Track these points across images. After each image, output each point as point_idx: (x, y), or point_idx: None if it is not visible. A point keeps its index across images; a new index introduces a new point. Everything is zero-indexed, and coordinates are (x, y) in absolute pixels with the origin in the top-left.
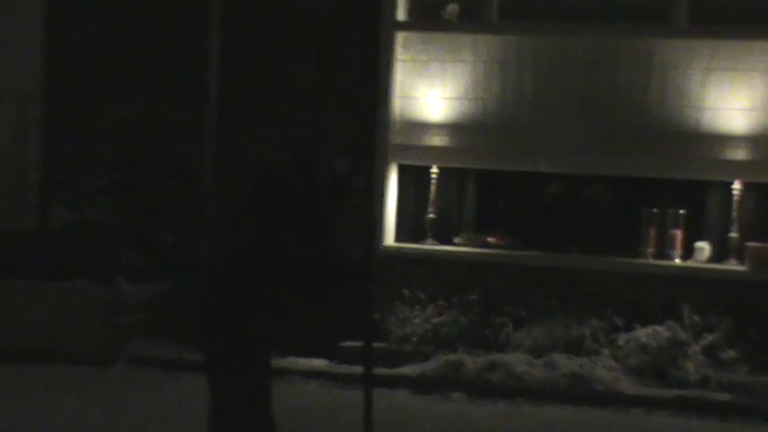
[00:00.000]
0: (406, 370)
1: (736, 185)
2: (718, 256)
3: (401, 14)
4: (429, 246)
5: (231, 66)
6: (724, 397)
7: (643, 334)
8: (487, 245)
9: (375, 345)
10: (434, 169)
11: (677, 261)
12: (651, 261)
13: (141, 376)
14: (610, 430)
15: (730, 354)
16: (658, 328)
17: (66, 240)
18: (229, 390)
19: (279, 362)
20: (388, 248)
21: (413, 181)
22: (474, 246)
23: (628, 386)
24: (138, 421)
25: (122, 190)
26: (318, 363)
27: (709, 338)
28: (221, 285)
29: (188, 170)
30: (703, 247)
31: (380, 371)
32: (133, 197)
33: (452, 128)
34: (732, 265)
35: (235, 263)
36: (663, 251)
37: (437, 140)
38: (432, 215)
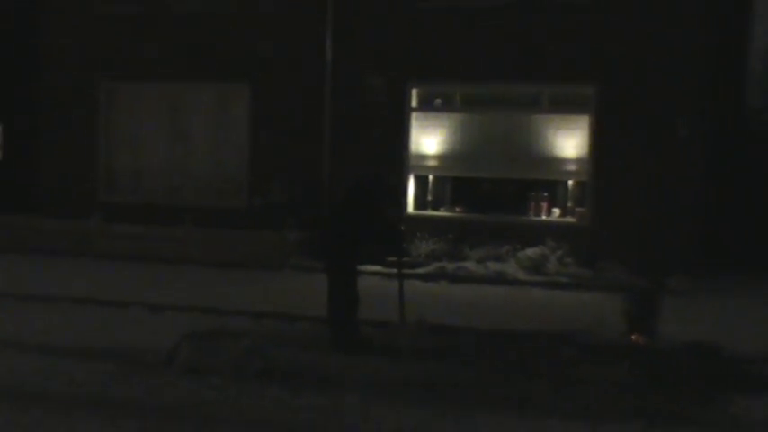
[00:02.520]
0: (419, 271)
1: (570, 182)
2: (563, 215)
3: (414, 104)
4: (429, 212)
5: (335, 126)
6: (566, 280)
7: (529, 251)
8: (456, 212)
9: (404, 259)
10: (431, 177)
11: (544, 217)
12: (532, 218)
13: (296, 275)
14: (515, 298)
15: (568, 260)
16: (536, 249)
17: (260, 212)
18: (337, 280)
19: (360, 267)
20: (410, 214)
21: (420, 183)
22: (450, 212)
23: (523, 276)
24: (296, 294)
25: (285, 188)
26: (377, 267)
27: (558, 253)
28: (333, 234)
29: (314, 179)
30: (556, 211)
31: (406, 271)
32: (291, 192)
33: (438, 157)
34: (569, 219)
35: (339, 223)
36: (537, 213)
37: (431, 163)
38: (429, 198)
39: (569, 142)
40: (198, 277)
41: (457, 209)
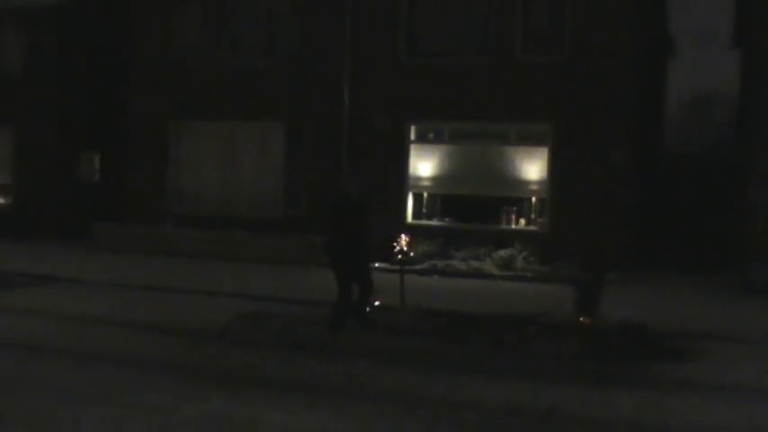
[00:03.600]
0: (416, 267)
1: (533, 199)
2: (527, 224)
3: (412, 137)
4: (424, 222)
5: (350, 154)
6: (529, 275)
7: (501, 252)
8: (445, 221)
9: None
10: (425, 194)
11: (513, 226)
12: (504, 226)
13: (320, 271)
14: (490, 288)
15: (531, 259)
16: (507, 250)
17: (293, 221)
18: (341, 279)
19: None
20: (409, 223)
21: (417, 199)
22: (440, 221)
23: (496, 272)
24: (320, 286)
25: (312, 202)
26: (383, 266)
27: (524, 254)
28: (338, 245)
29: (332, 190)
30: (522, 221)
31: (406, 268)
32: (316, 205)
33: (432, 179)
34: (532, 227)
35: (335, 227)
36: (508, 222)
37: (426, 183)
38: (424, 210)
39: (532, 168)
40: (244, 271)
41: (446, 219)
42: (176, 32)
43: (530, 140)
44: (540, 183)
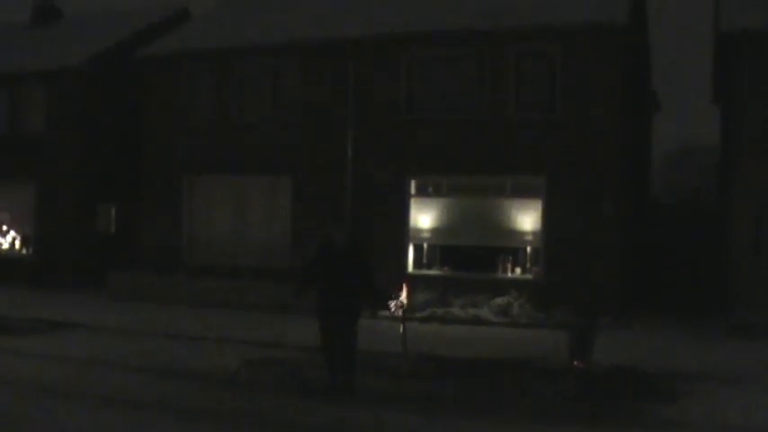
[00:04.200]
0: (416, 315)
1: (528, 248)
2: (523, 272)
3: (413, 191)
4: (424, 271)
5: (354, 206)
6: (526, 321)
7: (498, 300)
8: (444, 270)
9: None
10: (425, 245)
11: (509, 274)
12: (500, 274)
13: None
14: (488, 334)
15: (527, 306)
16: (503, 298)
17: (300, 270)
18: (330, 331)
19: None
20: (410, 273)
21: (417, 249)
22: (439, 271)
23: (493, 318)
24: (313, 332)
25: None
26: (386, 314)
27: (520, 301)
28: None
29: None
30: (518, 269)
31: (408, 316)
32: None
33: (431, 230)
34: (527, 276)
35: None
36: (504, 271)
37: (426, 234)
38: (424, 260)
39: (526, 219)
40: (252, 319)
41: (445, 268)
42: (188, 92)
43: (524, 193)
44: (534, 233)
